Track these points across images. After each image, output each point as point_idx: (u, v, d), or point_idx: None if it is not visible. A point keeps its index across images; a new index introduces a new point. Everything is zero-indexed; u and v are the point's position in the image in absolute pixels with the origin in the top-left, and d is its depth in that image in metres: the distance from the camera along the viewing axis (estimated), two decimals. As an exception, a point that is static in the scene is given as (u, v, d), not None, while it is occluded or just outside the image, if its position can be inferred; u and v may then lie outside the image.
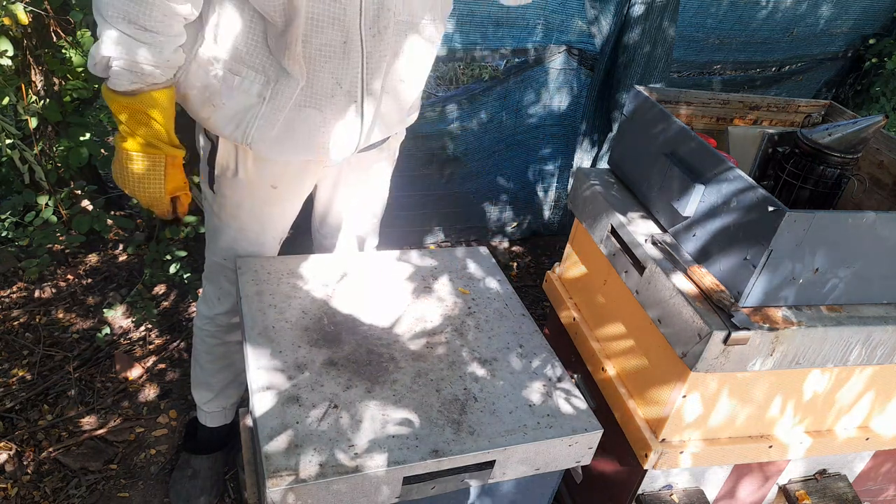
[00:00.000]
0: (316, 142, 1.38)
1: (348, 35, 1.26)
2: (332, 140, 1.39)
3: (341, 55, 1.28)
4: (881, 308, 1.36)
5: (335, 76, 1.31)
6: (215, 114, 1.34)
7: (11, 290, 2.46)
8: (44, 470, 1.89)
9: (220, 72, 1.30)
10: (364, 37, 1.28)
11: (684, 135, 1.43)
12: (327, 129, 1.37)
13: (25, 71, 2.14)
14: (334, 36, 1.25)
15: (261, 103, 1.31)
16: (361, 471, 1.09)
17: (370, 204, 1.73)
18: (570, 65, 2.73)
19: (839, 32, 3.28)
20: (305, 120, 1.35)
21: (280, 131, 1.35)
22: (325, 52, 1.27)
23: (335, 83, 1.32)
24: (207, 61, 1.30)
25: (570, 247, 1.79)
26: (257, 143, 1.36)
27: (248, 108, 1.32)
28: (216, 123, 1.35)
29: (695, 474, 1.54)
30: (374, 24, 1.28)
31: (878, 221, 1.23)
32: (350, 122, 1.38)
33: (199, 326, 1.72)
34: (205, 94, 1.33)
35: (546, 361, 1.38)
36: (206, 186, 1.52)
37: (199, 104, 1.34)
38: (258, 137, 1.34)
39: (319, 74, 1.30)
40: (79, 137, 2.25)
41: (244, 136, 1.34)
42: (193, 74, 1.32)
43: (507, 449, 1.18)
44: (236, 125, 1.34)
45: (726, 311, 1.24)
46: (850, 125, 1.52)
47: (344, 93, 1.33)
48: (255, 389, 1.21)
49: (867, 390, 1.48)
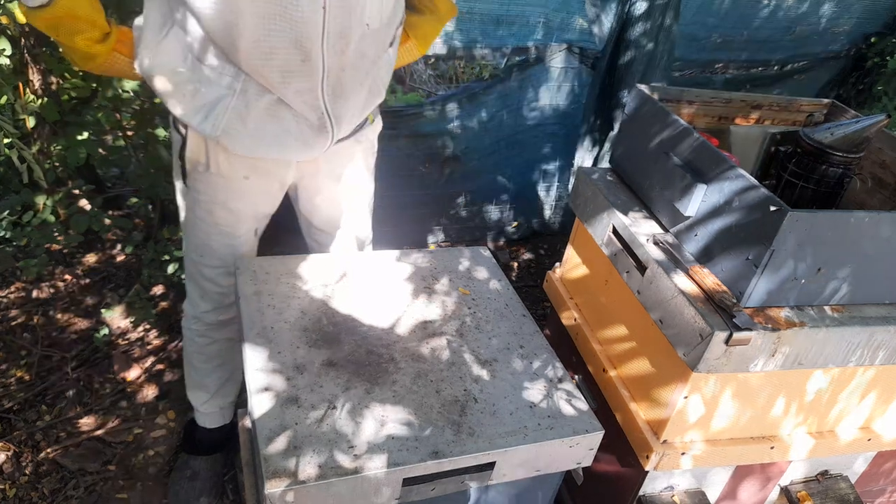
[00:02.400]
0: (286, 143, 1.37)
1: (309, 55, 1.25)
2: (302, 142, 1.38)
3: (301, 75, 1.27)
4: (884, 308, 1.35)
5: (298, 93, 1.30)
6: (184, 101, 1.31)
7: (9, 290, 2.45)
8: (42, 471, 1.88)
9: (190, 62, 1.28)
10: (325, 54, 1.27)
11: (686, 134, 1.42)
12: (299, 131, 1.36)
13: (23, 70, 2.13)
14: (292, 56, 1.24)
15: (231, 95, 1.29)
16: (361, 472, 1.08)
17: (355, 196, 1.70)
18: (572, 63, 2.72)
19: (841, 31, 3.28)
20: (277, 122, 1.34)
21: (251, 129, 1.33)
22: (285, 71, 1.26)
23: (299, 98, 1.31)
24: (176, 47, 1.28)
25: (570, 247, 1.78)
26: (226, 138, 1.33)
27: (218, 99, 1.29)
28: (185, 112, 1.32)
29: (696, 475, 1.53)
30: (336, 42, 1.27)
31: (880, 221, 1.22)
32: (320, 126, 1.37)
33: (187, 327, 1.70)
34: (174, 80, 1.30)
35: (547, 362, 1.38)
36: (180, 181, 1.49)
37: (169, 89, 1.32)
38: (228, 131, 1.32)
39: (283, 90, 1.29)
40: (77, 137, 2.24)
41: (214, 127, 1.32)
42: (163, 57, 1.29)
43: (507, 450, 1.17)
44: (205, 116, 1.31)
45: (728, 311, 1.23)
46: (853, 124, 1.51)
47: (309, 105, 1.32)
48: (253, 390, 1.20)
49: (869, 391, 1.47)
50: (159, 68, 1.30)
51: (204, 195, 1.47)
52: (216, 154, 1.41)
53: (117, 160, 2.50)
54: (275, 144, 1.36)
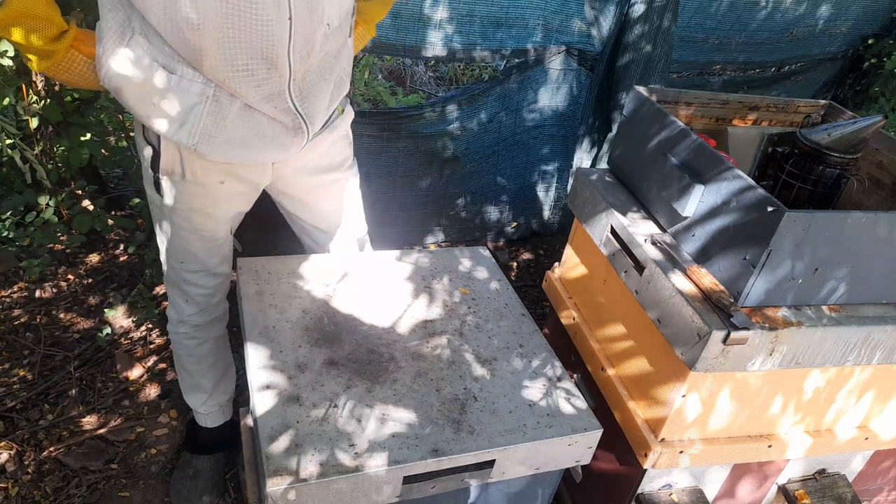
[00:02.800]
0: (262, 147, 1.36)
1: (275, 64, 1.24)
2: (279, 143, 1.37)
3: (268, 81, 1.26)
4: (881, 308, 1.36)
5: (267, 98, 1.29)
6: (155, 113, 1.27)
7: (12, 289, 2.46)
8: (44, 469, 1.89)
9: (157, 69, 1.23)
10: (292, 61, 1.25)
11: (684, 135, 1.43)
12: (275, 133, 1.35)
13: (26, 71, 2.14)
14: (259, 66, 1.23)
15: (204, 102, 1.25)
16: (362, 470, 1.09)
17: (337, 189, 1.67)
18: (570, 65, 2.74)
19: (838, 33, 3.29)
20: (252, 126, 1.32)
21: (227, 136, 1.31)
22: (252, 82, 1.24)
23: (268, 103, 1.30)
24: (141, 56, 1.23)
25: (569, 247, 1.79)
26: (204, 145, 1.30)
27: (191, 106, 1.26)
28: (157, 123, 1.28)
29: (694, 474, 1.54)
30: (302, 48, 1.25)
31: (877, 221, 1.23)
32: (294, 126, 1.37)
33: (175, 332, 1.68)
34: (140, 90, 1.25)
35: (546, 361, 1.39)
36: (153, 191, 1.45)
37: (136, 100, 1.27)
38: (204, 138, 1.29)
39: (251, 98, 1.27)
40: (79, 137, 2.25)
41: (190, 136, 1.28)
42: (126, 66, 1.23)
43: (506, 448, 1.18)
44: (180, 124, 1.27)
45: (726, 310, 1.24)
46: (850, 125, 1.53)
47: (279, 109, 1.32)
48: (255, 389, 1.21)
49: (866, 390, 1.48)
50: (123, 79, 1.25)
51: (180, 203, 1.44)
52: (191, 162, 1.38)
53: (120, 160, 2.52)
54: (251, 149, 1.34)
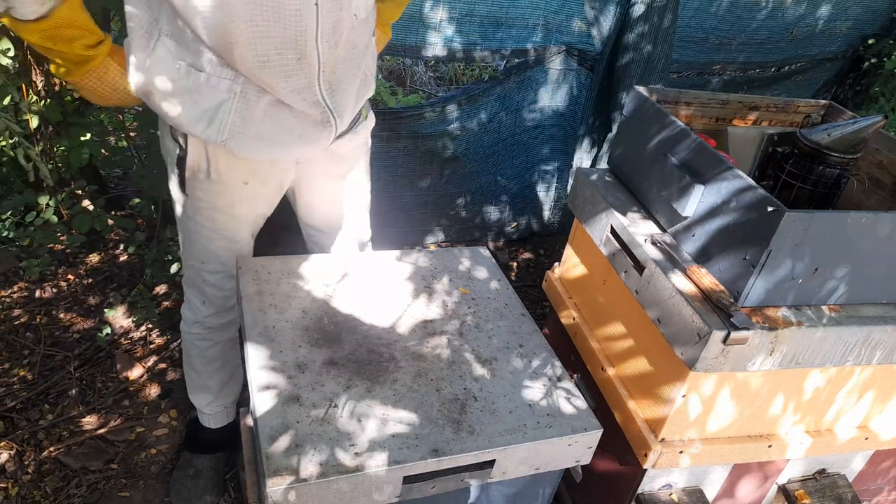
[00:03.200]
0: (291, 142, 1.37)
1: (304, 53, 1.25)
2: (307, 138, 1.38)
3: (298, 73, 1.27)
4: (881, 308, 1.36)
5: (296, 90, 1.30)
6: (184, 112, 1.30)
7: (12, 289, 2.46)
8: (44, 469, 1.89)
9: (185, 70, 1.26)
10: (320, 51, 1.27)
11: (684, 135, 1.43)
12: (302, 128, 1.36)
13: (26, 71, 2.14)
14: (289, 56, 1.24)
15: (232, 98, 1.28)
16: (362, 470, 1.09)
17: (352, 195, 1.70)
18: (570, 65, 2.74)
19: (838, 33, 3.29)
20: (281, 121, 1.34)
21: (256, 131, 1.33)
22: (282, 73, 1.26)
23: (298, 95, 1.31)
24: (167, 57, 1.26)
25: (569, 247, 1.79)
26: (233, 141, 1.32)
27: (219, 104, 1.28)
28: (185, 122, 1.31)
29: (694, 474, 1.54)
30: (330, 38, 1.27)
31: (877, 221, 1.23)
32: (322, 121, 1.38)
33: (188, 332, 1.69)
34: (169, 92, 1.29)
35: (546, 361, 1.39)
36: (178, 190, 1.48)
37: (165, 102, 1.31)
38: (234, 134, 1.31)
39: (281, 90, 1.29)
40: (79, 137, 2.26)
41: (219, 133, 1.31)
42: (154, 70, 1.28)
43: (506, 448, 1.18)
44: (209, 122, 1.30)
45: (726, 310, 1.24)
46: (850, 125, 1.53)
47: (308, 102, 1.33)
48: (255, 389, 1.21)
49: (866, 390, 1.48)
50: (152, 84, 1.29)
51: (204, 202, 1.47)
52: (216, 161, 1.40)
53: (120, 161, 2.52)
54: (279, 144, 1.37)
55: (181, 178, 1.44)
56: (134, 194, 2.81)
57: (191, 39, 1.23)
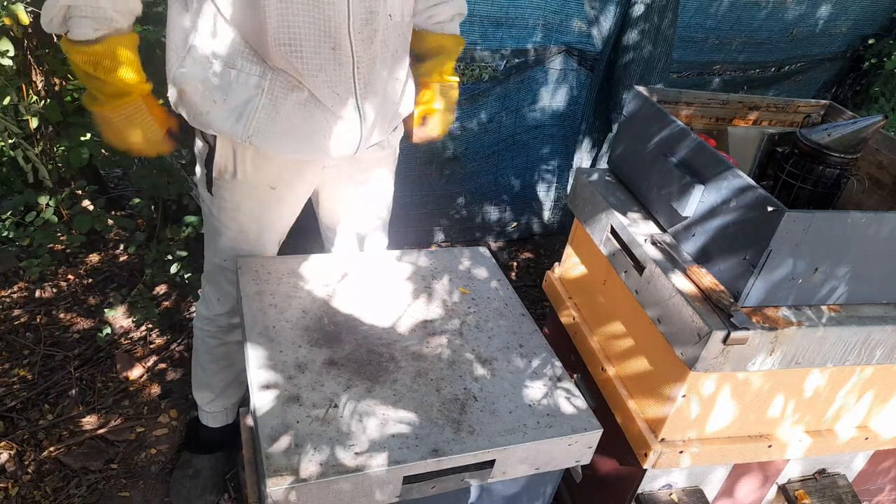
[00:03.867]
0: (317, 142, 1.38)
1: (338, 42, 1.27)
2: (333, 141, 1.39)
3: (333, 64, 1.29)
4: (880, 308, 1.36)
5: (330, 84, 1.31)
6: (214, 109, 1.33)
7: (12, 289, 2.46)
8: (44, 469, 1.89)
9: (218, 67, 1.30)
10: (354, 42, 1.29)
11: (684, 135, 1.43)
12: (329, 129, 1.38)
13: (26, 71, 2.14)
14: (322, 44, 1.26)
15: (259, 94, 1.31)
16: (362, 470, 1.09)
17: (374, 204, 1.72)
18: (570, 65, 2.74)
19: (838, 33, 3.29)
20: (307, 119, 1.35)
21: (282, 128, 1.35)
22: (315, 62, 1.28)
23: (331, 90, 1.32)
24: (203, 57, 1.30)
25: (569, 247, 1.79)
26: (258, 138, 1.35)
27: (247, 100, 1.31)
28: (215, 120, 1.34)
29: (694, 474, 1.54)
30: (363, 29, 1.29)
31: (877, 221, 1.23)
32: (351, 123, 1.39)
33: (199, 327, 1.71)
34: (202, 91, 1.32)
35: (546, 361, 1.39)
36: (204, 189, 1.51)
37: (197, 101, 1.34)
38: (259, 131, 1.34)
39: (314, 81, 1.30)
40: (79, 137, 2.25)
41: (245, 129, 1.34)
42: (189, 70, 1.31)
43: (506, 448, 1.18)
44: (237, 118, 1.33)
45: (726, 310, 1.24)
46: (850, 125, 1.53)
47: (341, 99, 1.34)
48: (255, 389, 1.21)
49: (866, 390, 1.48)
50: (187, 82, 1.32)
51: (230, 203, 1.49)
52: (244, 161, 1.43)
53: (120, 161, 2.51)
54: (305, 143, 1.38)
55: (209, 178, 1.47)
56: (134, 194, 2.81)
57: (221, 33, 1.26)
